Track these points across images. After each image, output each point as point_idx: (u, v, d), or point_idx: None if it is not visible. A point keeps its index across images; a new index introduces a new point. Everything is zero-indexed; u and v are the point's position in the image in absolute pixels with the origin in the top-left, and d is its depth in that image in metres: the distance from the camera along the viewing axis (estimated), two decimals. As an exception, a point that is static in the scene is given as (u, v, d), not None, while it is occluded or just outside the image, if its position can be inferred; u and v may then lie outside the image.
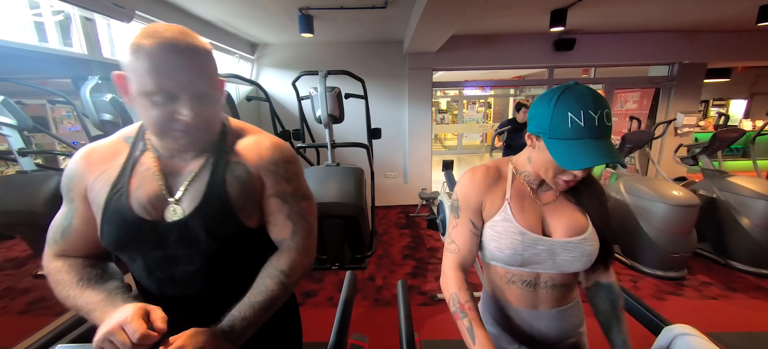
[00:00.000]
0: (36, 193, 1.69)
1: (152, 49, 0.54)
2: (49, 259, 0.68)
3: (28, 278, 1.88)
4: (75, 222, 0.67)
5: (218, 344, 0.56)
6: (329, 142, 2.67)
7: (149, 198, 0.63)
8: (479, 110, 10.42)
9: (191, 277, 0.66)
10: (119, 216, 0.62)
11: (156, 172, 0.65)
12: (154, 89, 0.55)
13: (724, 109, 8.06)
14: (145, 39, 0.54)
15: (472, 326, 0.67)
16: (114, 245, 0.64)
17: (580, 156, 0.62)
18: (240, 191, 0.66)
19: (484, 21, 3.43)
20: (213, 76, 0.61)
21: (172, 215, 0.64)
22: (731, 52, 4.22)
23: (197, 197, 0.64)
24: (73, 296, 0.61)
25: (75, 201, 0.66)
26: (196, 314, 0.64)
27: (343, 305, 0.98)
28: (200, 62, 0.58)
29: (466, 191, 0.78)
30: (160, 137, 0.62)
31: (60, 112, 2.43)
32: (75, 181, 0.65)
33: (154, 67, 0.54)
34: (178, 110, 0.57)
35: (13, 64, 1.79)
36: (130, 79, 0.57)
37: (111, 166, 0.65)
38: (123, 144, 0.68)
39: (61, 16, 2.03)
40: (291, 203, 0.71)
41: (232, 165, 0.67)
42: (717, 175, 2.81)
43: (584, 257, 0.72)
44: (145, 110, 0.57)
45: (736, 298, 2.31)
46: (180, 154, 0.66)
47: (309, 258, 0.72)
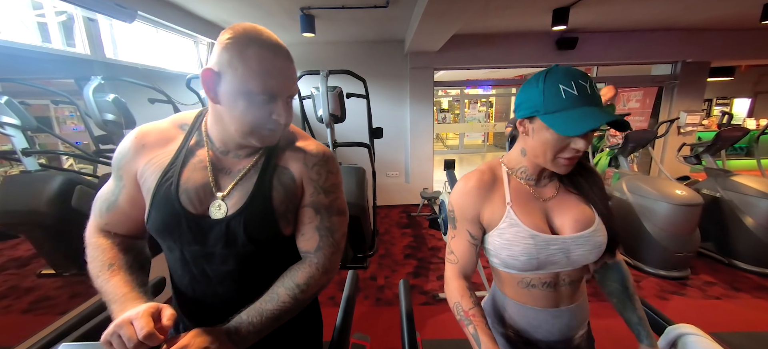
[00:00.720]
0: (40, 193, 1.70)
1: (262, 52, 0.56)
2: (92, 230, 0.69)
3: (31, 277, 1.90)
4: (121, 199, 0.68)
5: (222, 345, 0.56)
6: (331, 142, 2.67)
7: (197, 191, 0.64)
8: (481, 110, 10.40)
9: (224, 276, 0.67)
10: (167, 204, 0.63)
11: (207, 166, 0.66)
12: (258, 90, 0.56)
13: (728, 107, 8.02)
14: (251, 40, 0.56)
15: (477, 333, 0.67)
16: (158, 231, 0.65)
17: (581, 119, 0.60)
18: (284, 197, 0.67)
19: (485, 20, 3.42)
20: (297, 83, 0.65)
21: (216, 212, 0.64)
22: (735, 51, 4.19)
23: (243, 197, 0.65)
24: (102, 277, 0.63)
25: (124, 179, 0.67)
26: (222, 314, 0.65)
27: (345, 304, 0.98)
28: (293, 69, 0.62)
29: (460, 201, 0.75)
30: (246, 136, 0.61)
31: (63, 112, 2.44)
32: (127, 159, 0.66)
33: (263, 68, 0.56)
34: (276, 111, 0.60)
35: (17, 64, 1.81)
36: (224, 77, 0.57)
37: (164, 152, 0.66)
38: (177, 130, 0.69)
39: (64, 16, 2.04)
40: (323, 216, 0.70)
41: (280, 169, 0.68)
42: (720, 174, 2.79)
43: (596, 248, 0.71)
44: (242, 110, 0.58)
45: (740, 298, 2.29)
46: (235, 151, 0.67)
47: (328, 277, 0.71)
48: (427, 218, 4.07)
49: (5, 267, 1.85)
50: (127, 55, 2.53)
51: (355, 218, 2.48)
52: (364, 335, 1.61)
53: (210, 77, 0.59)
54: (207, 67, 0.59)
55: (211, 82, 0.59)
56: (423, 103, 4.35)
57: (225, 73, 0.57)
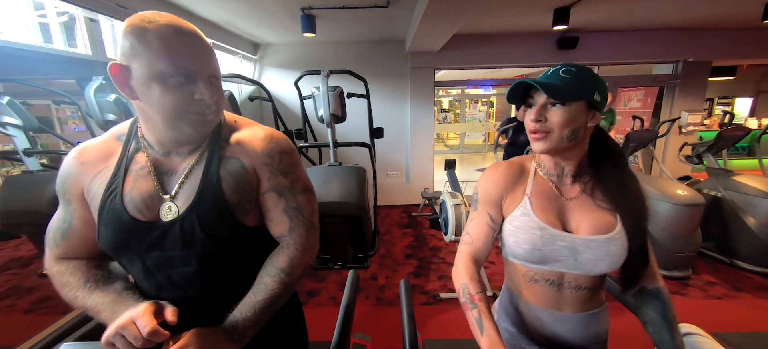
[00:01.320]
0: (41, 193, 1.71)
1: (162, 31, 0.53)
2: (51, 262, 0.66)
3: (33, 276, 1.90)
4: (74, 224, 0.65)
5: (221, 344, 0.56)
6: (331, 142, 2.67)
7: (143, 198, 0.62)
8: (482, 109, 10.39)
9: (189, 278, 0.65)
10: (115, 217, 0.61)
11: (150, 170, 0.63)
12: (170, 70, 0.53)
13: (730, 107, 8.00)
14: (148, 23, 0.53)
15: (481, 317, 0.66)
16: (111, 248, 0.63)
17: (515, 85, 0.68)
18: (235, 186, 0.64)
19: (486, 20, 3.42)
20: (218, 64, 0.62)
21: (167, 214, 0.62)
22: (736, 50, 4.18)
23: (191, 194, 0.63)
24: (81, 297, 0.61)
25: (72, 203, 0.65)
26: (196, 317, 0.63)
27: (346, 304, 0.98)
28: (208, 47, 0.59)
29: (485, 184, 0.78)
30: (172, 124, 0.59)
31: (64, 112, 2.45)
32: (70, 182, 0.64)
33: (169, 47, 0.53)
34: (197, 91, 0.56)
35: (19, 65, 1.81)
36: (132, 67, 0.54)
37: (106, 167, 0.64)
38: (115, 143, 0.67)
39: (66, 17, 2.05)
40: (288, 197, 0.68)
41: (226, 160, 0.65)
42: (722, 174, 2.78)
43: (609, 257, 0.68)
44: (158, 96, 0.55)
45: (742, 298, 2.29)
46: (176, 150, 0.65)
47: (310, 254, 0.70)
48: (428, 217, 4.07)
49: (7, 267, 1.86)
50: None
51: (355, 218, 2.48)
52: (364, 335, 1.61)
53: (118, 72, 0.55)
54: (112, 62, 0.55)
55: (122, 78, 0.55)
56: (424, 103, 4.35)
57: (131, 63, 0.54)
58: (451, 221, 2.26)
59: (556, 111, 0.66)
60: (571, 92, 0.64)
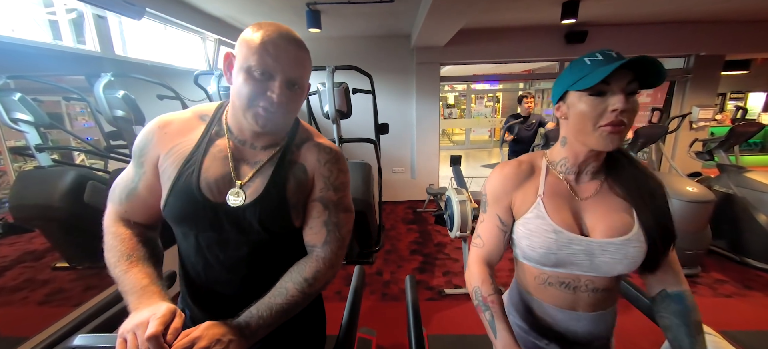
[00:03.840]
0: (53, 188, 1.74)
1: (265, 34, 0.61)
2: (110, 218, 0.71)
3: (47, 270, 1.94)
4: (140, 187, 0.70)
5: (233, 338, 0.57)
6: (337, 138, 2.68)
7: (216, 180, 0.67)
8: (487, 105, 10.30)
9: (237, 262, 0.69)
10: (187, 191, 0.65)
11: (228, 155, 0.68)
12: (256, 65, 0.60)
13: (742, 102, 7.81)
14: (262, 27, 0.62)
15: (494, 320, 0.66)
16: (175, 218, 0.68)
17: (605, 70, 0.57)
18: (296, 189, 0.70)
19: (493, 14, 3.38)
20: (306, 73, 0.67)
21: (234, 200, 0.67)
22: (750, 44, 4.07)
23: (259, 187, 0.68)
24: (120, 268, 0.64)
25: (145, 167, 0.69)
26: (230, 301, 0.67)
27: (352, 299, 0.98)
28: (300, 56, 0.64)
29: (494, 185, 0.75)
30: (244, 111, 0.64)
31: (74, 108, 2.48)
32: (149, 147, 0.69)
33: (264, 47, 0.60)
34: (270, 88, 0.62)
35: (29, 61, 1.84)
36: (236, 58, 0.63)
37: (185, 141, 0.69)
38: (198, 121, 0.72)
39: (74, 14, 2.07)
40: (331, 212, 0.72)
41: (294, 164, 0.71)
42: (733, 170, 2.73)
43: (627, 259, 0.65)
44: (240, 84, 0.62)
45: (752, 296, 2.25)
46: (252, 142, 0.70)
47: (333, 271, 0.73)
48: (433, 213, 4.06)
49: (21, 260, 1.90)
50: (136, 52, 2.56)
51: (361, 214, 2.49)
52: (370, 330, 1.63)
53: (228, 59, 0.66)
54: (227, 51, 0.66)
55: (228, 63, 0.65)
56: (429, 99, 4.32)
57: (236, 54, 0.63)
58: (457, 217, 2.25)
59: (634, 99, 0.59)
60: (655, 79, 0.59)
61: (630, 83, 0.59)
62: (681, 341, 0.65)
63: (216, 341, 0.55)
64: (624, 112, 0.59)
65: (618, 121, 0.59)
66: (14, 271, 1.83)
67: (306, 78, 0.68)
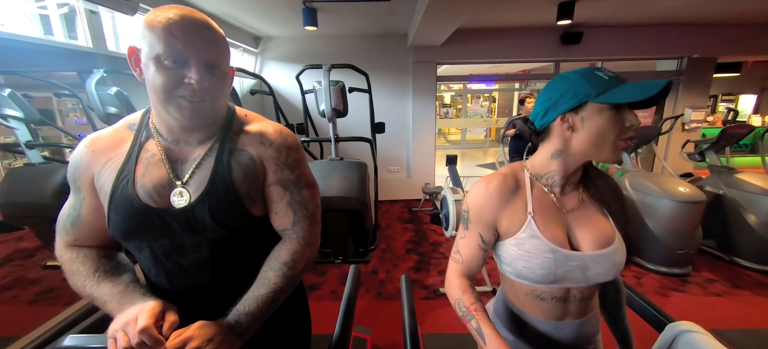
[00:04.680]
0: (44, 185, 1.71)
1: (168, 18, 0.56)
2: (61, 249, 0.68)
3: (37, 268, 1.91)
4: (84, 212, 0.66)
5: (225, 337, 0.57)
6: (333, 137, 2.67)
7: (155, 185, 0.63)
8: (483, 104, 10.35)
9: (199, 265, 0.66)
10: (126, 204, 0.62)
11: (162, 158, 0.65)
12: (164, 52, 0.56)
13: (734, 104, 7.94)
14: (158, 12, 0.57)
15: (480, 326, 0.66)
16: (121, 234, 0.64)
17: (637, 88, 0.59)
18: (244, 177, 0.66)
19: (490, 14, 3.39)
20: (223, 54, 0.63)
21: (179, 201, 0.64)
22: (742, 46, 4.14)
23: (202, 183, 0.64)
24: (90, 286, 0.62)
25: (82, 191, 0.66)
26: (204, 304, 0.65)
27: (347, 298, 0.99)
28: (212, 36, 0.60)
29: (478, 203, 0.71)
30: (164, 106, 0.60)
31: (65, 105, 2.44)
32: (81, 170, 0.65)
33: (168, 32, 0.56)
34: (187, 75, 0.58)
35: (20, 57, 1.80)
36: (142, 50, 0.58)
37: (116, 154, 0.65)
38: (127, 131, 0.68)
39: (66, 9, 2.03)
40: (292, 191, 0.70)
41: (236, 151, 0.67)
42: (724, 171, 2.78)
43: (615, 267, 0.68)
44: (152, 76, 0.58)
45: (741, 295, 2.29)
46: (185, 139, 0.66)
47: (312, 248, 0.71)
48: (429, 213, 4.08)
49: (11, 258, 1.87)
50: (129, 48, 2.52)
51: (356, 213, 2.49)
52: (365, 329, 1.63)
53: (133, 54, 0.60)
54: (130, 45, 0.60)
55: (134, 58, 0.60)
56: (425, 98, 4.33)
57: (142, 45, 0.58)
58: (452, 217, 2.26)
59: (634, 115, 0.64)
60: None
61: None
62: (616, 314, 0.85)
63: (208, 341, 0.54)
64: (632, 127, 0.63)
65: (631, 136, 0.63)
66: (3, 269, 1.80)
67: (225, 59, 0.63)
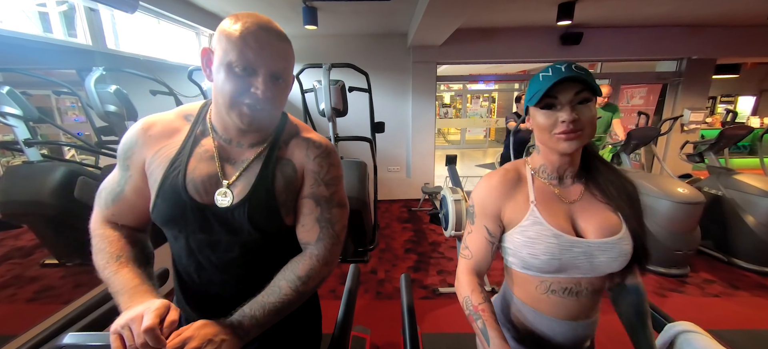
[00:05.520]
0: (42, 183, 1.71)
1: (245, 28, 0.58)
2: (97, 221, 0.70)
3: (35, 266, 1.91)
4: (127, 190, 0.68)
5: (226, 337, 0.57)
6: (332, 136, 2.67)
7: (203, 180, 0.65)
8: (483, 104, 10.36)
9: (228, 264, 0.68)
10: (174, 194, 0.64)
11: (213, 155, 0.67)
12: (236, 60, 0.58)
13: (732, 105, 7.97)
14: (240, 19, 0.59)
15: (486, 327, 0.66)
16: (163, 221, 0.66)
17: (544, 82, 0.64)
18: (284, 186, 0.68)
19: (490, 14, 3.39)
20: (289, 65, 0.65)
21: (222, 201, 0.65)
22: (741, 48, 4.15)
23: (247, 186, 0.66)
24: (109, 269, 0.63)
25: (130, 169, 0.68)
26: (225, 301, 0.66)
27: (347, 297, 0.99)
28: (283, 48, 0.63)
29: (482, 196, 0.75)
30: (227, 110, 0.62)
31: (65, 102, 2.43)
32: (134, 150, 0.67)
33: (243, 41, 0.58)
34: (254, 83, 0.60)
35: (18, 54, 1.80)
36: (215, 53, 0.60)
37: (170, 143, 0.67)
38: (183, 122, 0.70)
39: (65, 6, 2.03)
40: (323, 208, 0.71)
41: (282, 161, 0.70)
42: (723, 172, 2.78)
43: (622, 256, 0.68)
44: (222, 81, 0.60)
45: (739, 296, 2.30)
46: (238, 140, 0.68)
47: (329, 268, 0.72)
48: (428, 212, 4.08)
49: (9, 256, 1.86)
50: (129, 46, 2.52)
51: (356, 212, 2.49)
52: (364, 328, 1.63)
53: (205, 55, 0.63)
54: (204, 47, 0.64)
55: (206, 60, 0.63)
56: (425, 98, 4.33)
57: (215, 49, 0.60)
58: (452, 217, 2.26)
59: (586, 108, 0.64)
60: (596, 86, 0.64)
61: (578, 93, 0.64)
62: (635, 327, 0.76)
63: (207, 341, 0.54)
64: (574, 121, 0.64)
65: (569, 129, 0.64)
66: (2, 268, 1.80)
67: (290, 70, 0.66)
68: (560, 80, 0.63)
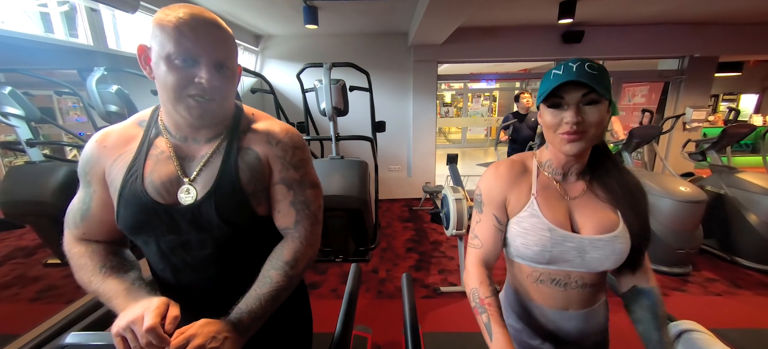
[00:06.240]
0: (45, 183, 1.71)
1: (178, 17, 0.57)
2: (70, 242, 0.69)
3: (38, 266, 1.92)
4: (93, 206, 0.67)
5: (228, 334, 0.57)
6: (333, 135, 2.67)
7: (163, 181, 0.64)
8: (484, 103, 10.34)
9: (203, 262, 0.67)
10: (135, 199, 0.63)
11: (170, 155, 0.66)
12: (174, 52, 0.57)
13: (735, 103, 7.92)
14: (172, 10, 0.58)
15: (490, 322, 0.66)
16: (129, 229, 0.65)
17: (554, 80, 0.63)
18: (250, 176, 0.67)
19: (491, 12, 3.38)
20: (232, 53, 0.63)
21: (186, 198, 0.65)
22: (744, 45, 4.13)
23: (210, 181, 0.65)
24: (96, 281, 0.63)
25: (92, 184, 0.67)
26: (208, 300, 0.66)
27: (348, 297, 0.99)
28: (221, 35, 0.61)
29: (489, 185, 0.76)
30: (174, 104, 0.60)
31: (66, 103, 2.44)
32: (92, 164, 0.66)
33: (179, 31, 0.56)
34: (197, 74, 0.58)
35: (20, 54, 1.80)
36: (152, 48, 0.59)
37: (126, 150, 0.66)
38: (137, 128, 0.69)
39: (67, 6, 2.03)
40: (296, 191, 0.71)
41: (243, 150, 0.68)
42: (725, 171, 2.77)
43: (615, 254, 0.69)
44: (164, 75, 0.58)
45: (742, 295, 2.29)
46: (193, 137, 0.67)
47: (313, 248, 0.72)
48: (429, 212, 4.08)
49: (12, 256, 1.87)
50: (130, 46, 2.52)
51: (357, 212, 2.49)
52: (366, 327, 1.63)
53: (142, 52, 0.61)
54: (139, 43, 0.61)
55: (144, 56, 0.61)
56: (426, 97, 4.32)
57: (152, 44, 0.59)
58: (453, 216, 2.26)
59: (593, 109, 0.63)
60: (605, 89, 0.62)
61: (586, 95, 0.63)
62: (650, 333, 0.73)
63: (211, 338, 0.54)
64: (579, 123, 0.63)
65: (572, 130, 0.64)
66: (5, 267, 1.81)
67: (234, 58, 0.64)
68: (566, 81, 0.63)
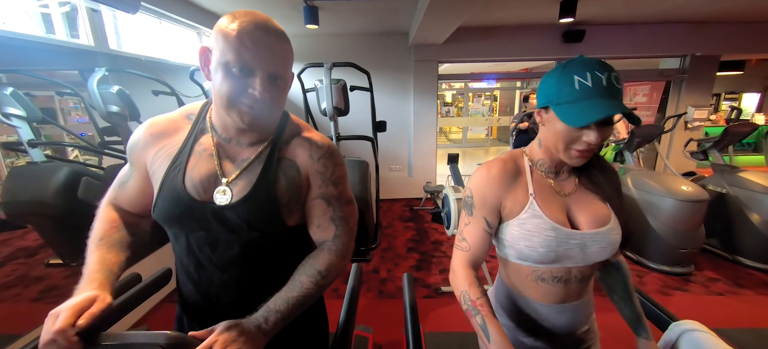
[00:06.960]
0: (46, 184, 1.72)
1: (242, 27, 0.58)
2: (105, 201, 0.75)
3: (40, 266, 1.92)
4: (130, 184, 0.73)
5: (252, 336, 0.56)
6: (334, 135, 2.67)
7: (202, 178, 0.66)
8: (485, 103, 10.33)
9: (229, 262, 0.68)
10: (173, 193, 0.65)
11: (213, 153, 0.67)
12: (233, 60, 0.58)
13: (737, 102, 7.90)
14: (237, 18, 0.59)
15: (485, 323, 0.66)
16: (164, 219, 0.67)
17: (588, 111, 0.59)
18: (287, 187, 0.68)
19: (491, 12, 3.37)
20: (288, 65, 0.64)
21: (221, 198, 0.66)
22: (746, 44, 4.11)
23: (247, 186, 0.66)
24: (89, 250, 0.66)
25: (134, 167, 0.72)
26: (227, 300, 0.67)
27: (349, 296, 0.98)
28: (281, 47, 0.62)
29: (481, 187, 0.73)
30: (226, 110, 0.62)
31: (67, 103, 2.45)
32: (137, 150, 0.70)
33: (240, 42, 0.57)
34: (251, 84, 0.60)
35: (21, 55, 1.81)
36: (213, 52, 0.60)
37: (172, 142, 0.69)
38: (185, 121, 0.71)
39: (68, 7, 2.04)
40: (335, 207, 0.72)
41: (285, 161, 0.69)
42: (727, 170, 2.76)
43: (611, 245, 0.71)
44: (220, 81, 0.60)
45: (744, 294, 2.28)
46: (237, 139, 0.68)
47: (345, 262, 0.73)
48: (430, 211, 4.08)
49: (14, 256, 1.88)
50: (131, 46, 2.53)
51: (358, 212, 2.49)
52: (367, 327, 1.63)
53: (203, 54, 0.63)
54: (202, 45, 0.63)
55: (204, 58, 0.63)
56: (427, 97, 4.32)
57: (213, 48, 0.60)
58: (454, 216, 2.26)
59: (608, 129, 0.63)
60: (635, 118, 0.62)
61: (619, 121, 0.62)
62: (624, 299, 0.81)
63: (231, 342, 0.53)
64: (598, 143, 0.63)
65: (588, 149, 0.64)
66: (7, 268, 1.81)
67: (289, 70, 0.65)
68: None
